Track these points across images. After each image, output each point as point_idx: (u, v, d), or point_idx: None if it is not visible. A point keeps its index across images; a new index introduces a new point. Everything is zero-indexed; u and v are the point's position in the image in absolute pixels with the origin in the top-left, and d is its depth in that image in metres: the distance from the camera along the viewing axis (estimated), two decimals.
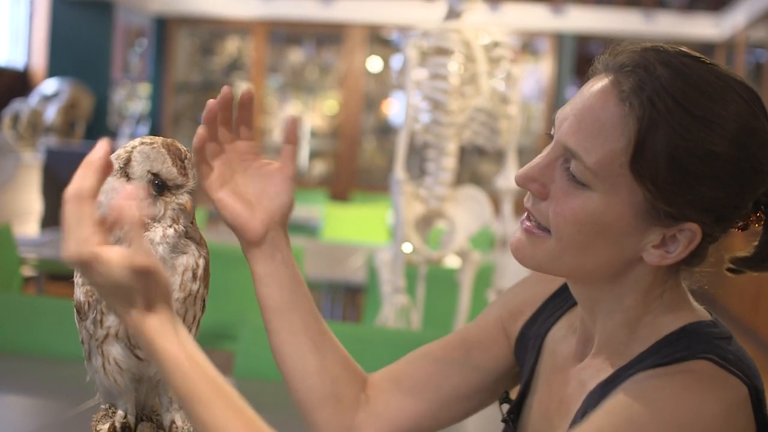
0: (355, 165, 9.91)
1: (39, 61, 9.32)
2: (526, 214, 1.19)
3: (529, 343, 1.37)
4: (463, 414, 1.45)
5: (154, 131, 9.94)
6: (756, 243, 1.20)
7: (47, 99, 8.80)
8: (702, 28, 9.50)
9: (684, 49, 1.15)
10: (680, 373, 1.09)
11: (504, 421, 1.36)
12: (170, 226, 1.18)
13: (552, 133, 1.18)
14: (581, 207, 1.12)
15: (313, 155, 10.30)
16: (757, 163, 1.10)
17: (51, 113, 8.73)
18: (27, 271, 4.84)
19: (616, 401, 1.08)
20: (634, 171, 1.08)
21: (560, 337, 1.33)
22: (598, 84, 1.14)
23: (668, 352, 1.12)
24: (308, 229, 6.73)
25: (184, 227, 1.19)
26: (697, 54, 1.15)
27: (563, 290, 1.35)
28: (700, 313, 1.19)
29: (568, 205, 1.13)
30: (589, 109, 1.12)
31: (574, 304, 1.30)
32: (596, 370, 1.20)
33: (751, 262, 1.22)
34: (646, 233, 1.12)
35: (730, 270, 1.23)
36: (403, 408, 1.40)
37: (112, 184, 1.17)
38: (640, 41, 1.16)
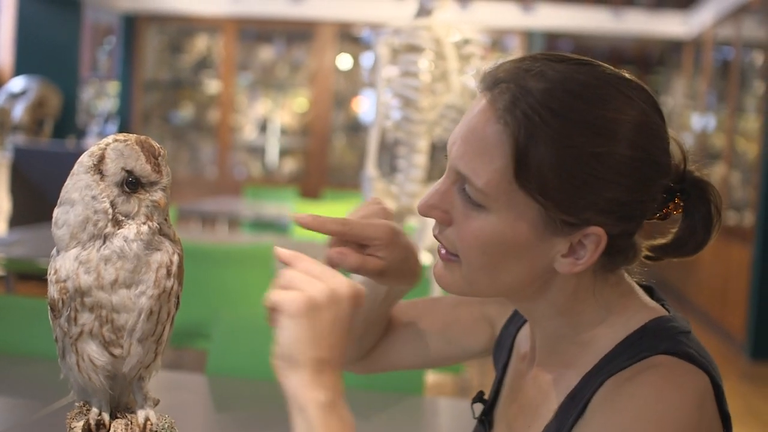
0: (325, 163, 9.91)
1: (6, 59, 9.25)
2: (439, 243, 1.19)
3: (504, 341, 1.39)
4: (429, 368, 1.54)
5: (123, 129, 9.90)
6: (674, 229, 1.20)
7: (15, 97, 8.74)
8: (670, 26, 9.57)
9: (563, 54, 1.14)
10: (649, 369, 1.08)
11: (478, 420, 1.37)
12: (144, 223, 1.18)
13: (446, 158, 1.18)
14: (481, 229, 1.11)
15: (283, 153, 10.29)
16: (650, 158, 1.09)
17: (18, 111, 8.67)
18: None
19: (596, 418, 1.08)
20: (522, 186, 1.07)
21: (523, 339, 1.34)
22: (478, 104, 1.13)
23: (633, 352, 1.12)
24: (278, 227, 6.72)
25: (158, 224, 1.20)
26: (578, 57, 1.13)
27: None
28: (656, 309, 1.19)
29: (469, 228, 1.12)
30: (473, 131, 1.11)
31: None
32: (553, 377, 1.19)
33: (669, 249, 1.21)
34: (551, 244, 1.11)
35: (648, 258, 1.22)
36: (385, 361, 1.49)
37: (86, 181, 1.17)
38: (521, 56, 1.16)
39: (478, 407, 1.39)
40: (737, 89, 7.83)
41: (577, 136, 1.06)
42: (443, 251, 1.17)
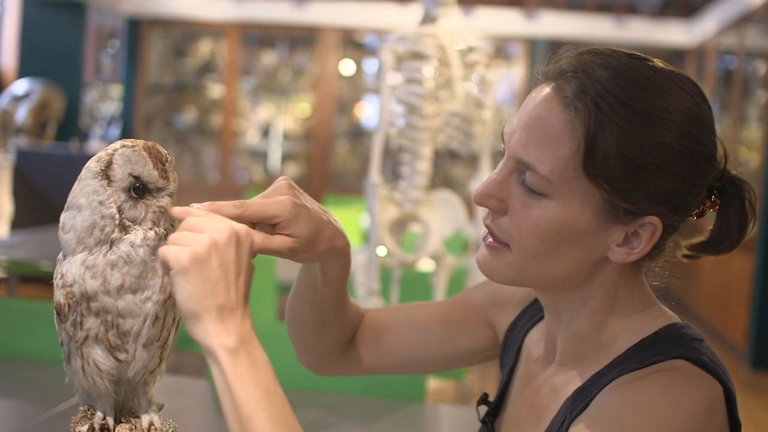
0: (327, 168, 9.91)
1: (10, 62, 9.27)
2: (487, 231, 1.21)
3: (510, 345, 1.39)
4: (430, 372, 1.55)
5: (125, 133, 9.91)
6: (711, 227, 1.23)
7: (18, 99, 8.75)
8: (673, 34, 9.58)
9: (621, 49, 1.17)
10: (659, 372, 1.10)
11: (482, 422, 1.38)
12: (151, 229, 1.19)
13: (502, 148, 1.20)
14: (541, 217, 1.13)
15: (286, 158, 10.29)
16: (705, 150, 1.12)
17: (22, 114, 8.68)
18: None
19: (599, 408, 1.09)
20: (588, 173, 1.10)
21: (534, 341, 1.35)
22: (541, 93, 1.15)
23: (645, 356, 1.13)
24: None
25: (164, 230, 1.20)
26: (635, 52, 1.16)
27: None
28: (671, 315, 1.20)
29: (529, 217, 1.14)
30: (536, 119, 1.13)
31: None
32: (568, 377, 1.21)
33: (708, 246, 1.24)
34: (608, 233, 1.14)
35: (686, 257, 1.25)
36: (377, 360, 1.48)
37: (94, 186, 1.17)
38: (577, 47, 1.18)
39: (483, 410, 1.40)
40: (740, 98, 7.84)
41: (643, 126, 1.09)
42: (490, 240, 1.19)
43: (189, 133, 10.36)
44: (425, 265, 3.43)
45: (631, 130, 1.08)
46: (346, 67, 10.09)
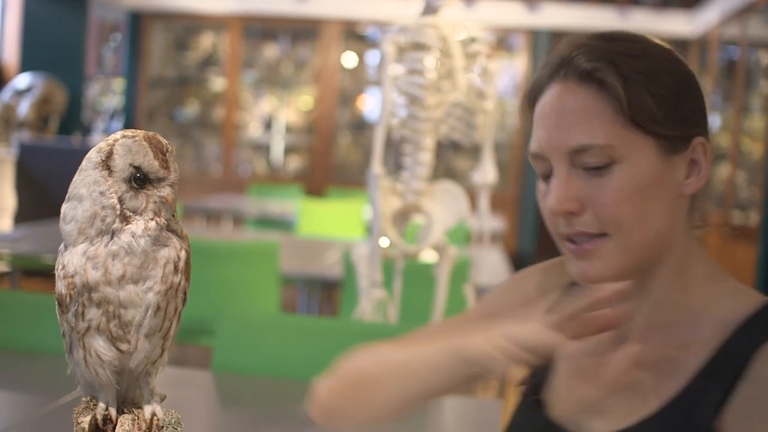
0: (330, 160, 9.91)
1: (12, 56, 9.27)
2: (573, 242, 1.22)
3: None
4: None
5: (128, 126, 9.91)
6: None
7: (20, 94, 8.75)
8: (675, 25, 9.56)
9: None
10: None
11: (533, 401, 1.35)
12: (152, 219, 1.19)
13: (541, 169, 1.25)
14: (620, 184, 1.18)
15: (288, 150, 10.29)
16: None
17: (24, 108, 8.69)
18: (1, 267, 4.82)
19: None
20: (636, 123, 1.17)
21: None
22: (553, 94, 1.22)
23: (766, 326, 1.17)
24: (284, 225, 6.73)
25: (165, 220, 1.20)
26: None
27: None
28: (755, 291, 1.26)
29: (610, 191, 1.18)
30: (566, 111, 1.20)
31: None
32: (671, 356, 1.21)
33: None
34: (674, 170, 1.20)
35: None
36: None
37: (94, 176, 1.17)
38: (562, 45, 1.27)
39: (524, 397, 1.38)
40: (743, 89, 7.82)
41: (651, 64, 1.20)
42: (585, 245, 1.21)
43: (191, 126, 10.36)
44: (428, 256, 3.42)
45: (647, 71, 1.18)
46: (348, 59, 10.08)
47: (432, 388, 1.20)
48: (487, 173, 3.03)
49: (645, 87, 1.17)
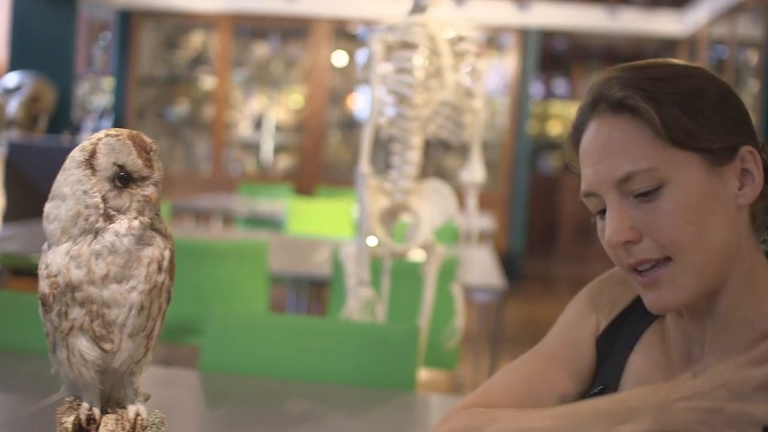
0: (320, 159, 9.90)
1: (1, 54, 9.23)
2: (638, 273, 1.22)
3: (607, 358, 1.37)
4: None
5: (117, 125, 9.88)
6: None
7: (9, 92, 8.73)
8: (665, 24, 9.58)
9: None
10: None
11: None
12: (136, 218, 1.18)
13: (594, 208, 1.26)
14: (672, 205, 1.18)
15: (278, 149, 10.28)
16: (730, 88, 1.26)
17: (13, 107, 8.66)
18: None
19: None
20: (675, 142, 1.18)
21: (644, 352, 1.33)
22: (591, 132, 1.24)
23: None
24: (273, 224, 6.73)
25: (149, 219, 1.20)
26: None
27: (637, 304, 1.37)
28: None
29: (665, 213, 1.18)
30: (607, 145, 1.22)
31: (651, 321, 1.34)
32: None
33: None
34: (725, 183, 1.20)
35: None
36: None
37: (78, 175, 1.17)
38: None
39: None
40: (732, 88, 7.83)
41: (678, 83, 1.21)
42: (649, 273, 1.21)
43: (181, 125, 10.35)
44: (416, 255, 3.42)
45: (678, 90, 1.20)
46: (339, 58, 10.07)
47: None
48: (475, 172, 3.03)
49: (678, 106, 1.19)
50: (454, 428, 1.29)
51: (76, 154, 1.18)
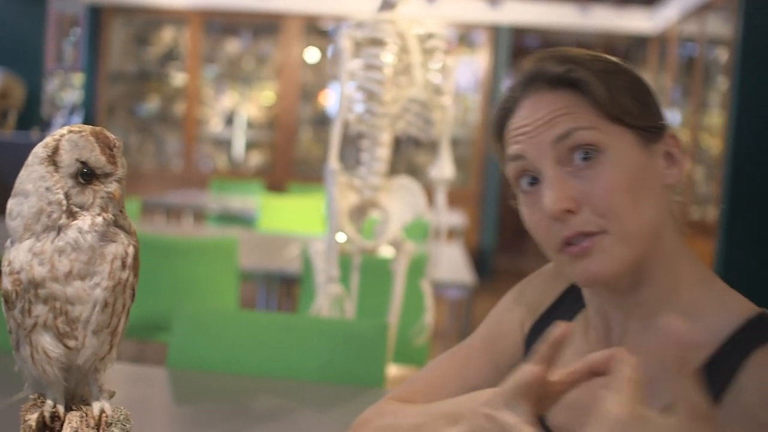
0: (291, 156, 9.89)
1: None
2: (568, 247, 1.21)
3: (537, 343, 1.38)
4: None
5: (88, 121, 9.82)
6: None
7: None
8: (636, 21, 9.63)
9: None
10: None
11: None
12: (99, 215, 1.18)
13: (523, 168, 1.25)
14: (611, 172, 1.19)
15: (250, 146, 10.25)
16: None
17: None
18: None
19: (756, 415, 1.10)
20: (612, 116, 1.20)
21: (569, 340, 1.34)
22: (525, 106, 1.25)
23: (759, 333, 1.15)
24: (244, 220, 6.72)
25: (113, 216, 1.19)
26: None
27: (571, 291, 1.39)
28: (745, 298, 1.24)
29: (603, 180, 1.19)
30: (548, 112, 1.22)
31: (576, 313, 1.35)
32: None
33: None
34: (655, 160, 1.23)
35: None
36: None
37: (40, 172, 1.16)
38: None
39: None
40: (701, 85, 7.89)
41: (611, 64, 1.25)
42: (585, 243, 1.19)
43: (152, 121, 10.30)
44: (385, 251, 3.43)
45: (612, 69, 1.23)
46: (310, 54, 10.06)
47: None
48: (444, 169, 3.04)
49: (615, 83, 1.22)
50: (356, 423, 1.41)
51: (39, 151, 1.18)
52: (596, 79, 1.21)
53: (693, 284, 1.23)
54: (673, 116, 8.89)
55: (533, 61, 1.27)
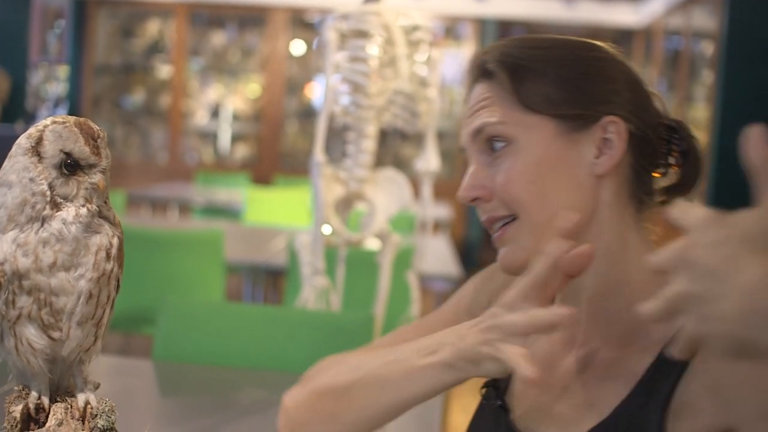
0: (277, 149, 9.88)
1: None
2: (493, 231, 1.24)
3: None
4: None
5: (72, 114, 9.72)
6: (679, 170, 1.29)
7: None
8: (621, 15, 9.64)
9: None
10: None
11: (499, 407, 1.30)
12: (83, 206, 1.17)
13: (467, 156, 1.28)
14: (516, 162, 1.19)
15: (236, 139, 10.24)
16: (600, 55, 1.26)
17: None
18: None
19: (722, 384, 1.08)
20: (528, 106, 1.20)
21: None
22: (469, 95, 1.28)
23: None
24: (230, 213, 6.71)
25: (97, 207, 1.19)
26: None
27: None
28: None
29: (508, 171, 1.19)
30: (474, 104, 1.25)
31: None
32: (615, 360, 1.18)
33: (680, 187, 1.30)
34: (580, 149, 1.20)
35: (663, 203, 1.29)
36: None
37: (24, 163, 1.16)
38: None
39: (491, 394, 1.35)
40: (687, 78, 7.91)
41: (551, 51, 1.24)
42: (499, 232, 1.22)
43: (137, 114, 10.27)
44: (371, 243, 3.43)
45: (542, 58, 1.22)
46: (296, 47, 10.05)
47: (408, 399, 1.17)
48: (429, 161, 3.04)
49: (537, 73, 1.21)
50: (306, 374, 1.39)
51: (23, 141, 1.17)
52: (509, 70, 1.21)
53: (645, 276, 1.19)
54: None
55: (474, 56, 1.29)
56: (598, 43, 1.28)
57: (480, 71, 1.26)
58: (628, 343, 1.18)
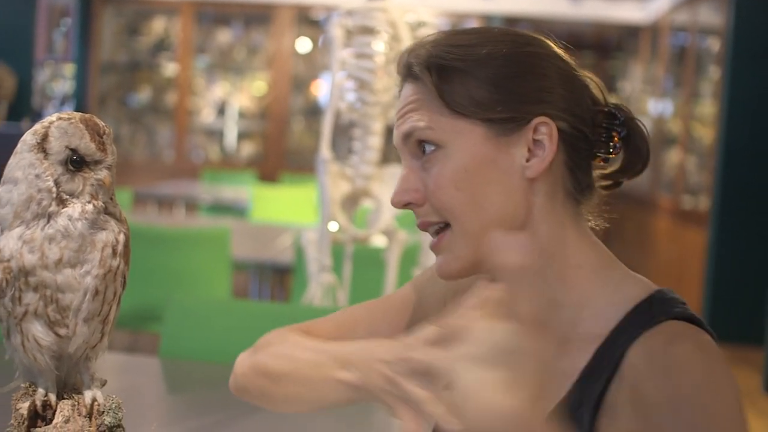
0: (283, 146, 9.88)
1: None
2: (430, 237, 1.22)
3: None
4: None
5: (79, 112, 9.79)
6: (622, 155, 1.25)
7: None
8: (627, 11, 9.62)
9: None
10: (677, 340, 1.09)
11: None
12: (89, 202, 1.17)
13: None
14: (444, 168, 1.17)
15: (241, 136, 10.24)
16: (531, 50, 1.21)
17: None
18: None
19: (644, 395, 1.07)
20: (455, 110, 1.17)
21: None
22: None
23: (644, 319, 1.12)
24: (237, 210, 6.71)
25: (103, 203, 1.18)
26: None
27: None
28: (648, 282, 1.19)
29: (437, 176, 1.17)
30: (403, 105, 1.22)
31: None
32: (557, 347, 1.16)
33: (623, 172, 1.26)
34: (510, 153, 1.17)
35: (605, 187, 1.26)
36: None
37: (30, 159, 1.16)
38: None
39: None
40: (693, 75, 7.89)
41: (479, 50, 1.18)
42: (435, 239, 1.20)
43: (143, 111, 10.28)
44: (378, 240, 3.43)
45: (469, 58, 1.17)
46: (302, 44, 10.04)
47: (328, 402, 1.14)
48: None
49: (465, 74, 1.17)
50: (259, 341, 1.38)
51: (28, 138, 1.17)
52: (436, 73, 1.18)
53: (584, 273, 1.18)
54: (665, 106, 8.91)
55: (404, 52, 1.25)
56: (532, 34, 1.24)
57: (407, 72, 1.22)
58: (566, 343, 1.17)
